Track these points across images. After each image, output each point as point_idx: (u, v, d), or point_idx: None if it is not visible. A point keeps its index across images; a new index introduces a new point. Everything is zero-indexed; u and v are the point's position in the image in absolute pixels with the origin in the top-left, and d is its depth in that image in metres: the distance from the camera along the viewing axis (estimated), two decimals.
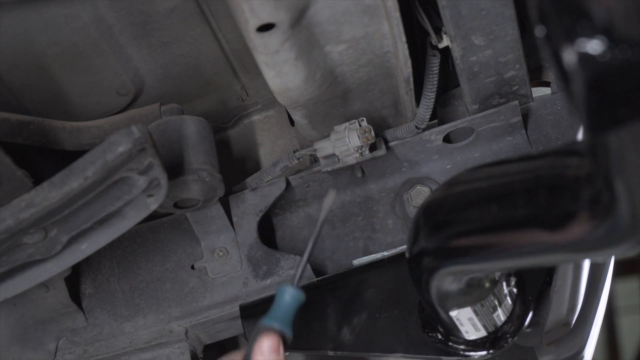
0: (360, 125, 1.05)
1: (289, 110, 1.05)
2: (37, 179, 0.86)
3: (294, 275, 0.95)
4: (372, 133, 1.06)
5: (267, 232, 1.20)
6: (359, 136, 1.05)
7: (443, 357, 1.01)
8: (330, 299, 1.09)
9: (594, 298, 1.12)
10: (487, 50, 1.01)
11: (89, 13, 1.03)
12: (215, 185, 1.05)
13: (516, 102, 1.08)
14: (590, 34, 0.46)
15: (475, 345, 0.98)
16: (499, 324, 0.97)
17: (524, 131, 1.12)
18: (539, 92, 1.21)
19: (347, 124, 1.06)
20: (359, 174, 1.17)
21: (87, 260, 1.06)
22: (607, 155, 0.52)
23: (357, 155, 1.07)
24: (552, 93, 1.17)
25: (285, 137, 1.33)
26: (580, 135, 0.65)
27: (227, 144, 1.34)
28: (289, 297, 0.93)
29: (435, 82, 1.07)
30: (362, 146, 1.05)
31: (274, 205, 1.18)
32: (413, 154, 1.14)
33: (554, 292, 0.98)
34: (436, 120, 1.19)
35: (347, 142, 1.05)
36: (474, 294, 0.92)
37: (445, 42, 1.01)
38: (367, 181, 1.18)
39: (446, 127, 1.10)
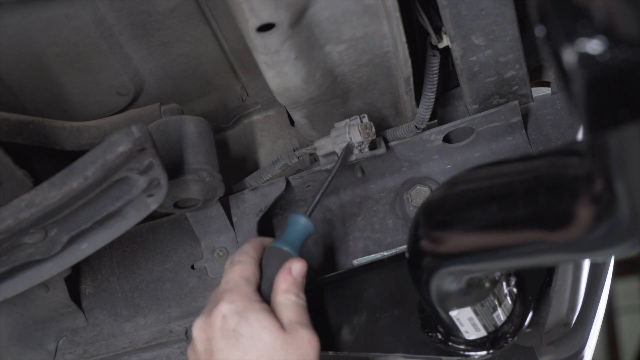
0: (361, 121, 1.06)
1: (289, 110, 1.05)
2: (37, 179, 0.86)
3: (308, 206, 1.00)
4: (373, 129, 1.06)
5: (267, 232, 1.20)
6: (360, 132, 1.05)
7: (443, 357, 1.01)
8: (330, 299, 1.09)
9: (594, 298, 1.12)
10: (487, 50, 1.01)
11: (89, 13, 1.03)
12: (215, 185, 1.05)
13: (516, 102, 1.08)
14: (590, 34, 0.46)
15: (475, 345, 0.98)
16: (499, 324, 0.97)
17: (524, 131, 1.12)
18: (539, 92, 1.21)
19: (348, 120, 1.06)
20: (359, 174, 1.17)
21: (87, 260, 1.06)
22: (607, 155, 0.52)
23: (357, 152, 1.07)
24: (552, 93, 1.17)
25: (285, 137, 1.33)
26: (580, 135, 0.65)
27: (227, 144, 1.34)
28: (301, 226, 0.98)
29: (435, 82, 1.07)
30: (362, 142, 1.05)
31: (274, 205, 1.18)
32: (413, 154, 1.14)
33: (554, 292, 0.98)
34: (436, 120, 1.19)
35: (348, 138, 1.05)
36: (474, 294, 0.92)
37: (445, 42, 1.01)
38: (367, 181, 1.18)
39: (446, 127, 1.10)
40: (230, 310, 0.88)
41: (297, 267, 0.94)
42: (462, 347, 0.99)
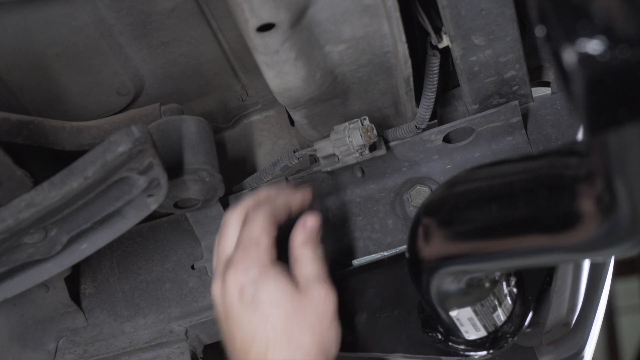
0: (362, 124, 1.05)
1: (289, 110, 1.05)
2: (37, 179, 0.86)
3: None
4: (375, 132, 1.06)
5: None
6: (361, 135, 1.05)
7: (443, 357, 1.01)
8: None
9: (594, 298, 1.12)
10: (487, 50, 1.01)
11: (89, 13, 1.03)
12: (215, 185, 1.05)
13: (516, 102, 1.08)
14: (590, 34, 0.46)
15: (475, 345, 0.98)
16: (499, 324, 0.97)
17: (524, 131, 1.12)
18: (539, 92, 1.21)
19: (347, 123, 1.06)
20: (359, 174, 1.17)
21: (87, 260, 1.06)
22: (607, 155, 0.52)
23: (357, 155, 1.07)
24: (552, 93, 1.17)
25: (285, 137, 1.33)
26: (580, 135, 0.65)
27: (227, 144, 1.34)
28: None
29: (435, 82, 1.07)
30: (364, 145, 1.05)
31: None
32: (413, 154, 1.14)
33: (554, 292, 0.98)
34: (436, 120, 1.19)
35: (348, 141, 1.05)
36: (474, 294, 0.92)
37: (445, 42, 1.01)
38: (367, 181, 1.18)
39: (446, 127, 1.10)
40: (247, 281, 0.90)
41: (310, 221, 0.96)
42: (462, 347, 0.99)
